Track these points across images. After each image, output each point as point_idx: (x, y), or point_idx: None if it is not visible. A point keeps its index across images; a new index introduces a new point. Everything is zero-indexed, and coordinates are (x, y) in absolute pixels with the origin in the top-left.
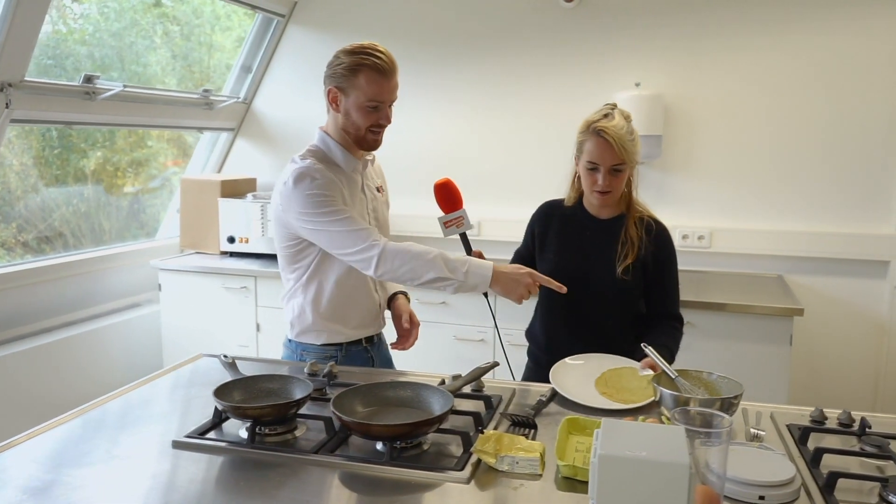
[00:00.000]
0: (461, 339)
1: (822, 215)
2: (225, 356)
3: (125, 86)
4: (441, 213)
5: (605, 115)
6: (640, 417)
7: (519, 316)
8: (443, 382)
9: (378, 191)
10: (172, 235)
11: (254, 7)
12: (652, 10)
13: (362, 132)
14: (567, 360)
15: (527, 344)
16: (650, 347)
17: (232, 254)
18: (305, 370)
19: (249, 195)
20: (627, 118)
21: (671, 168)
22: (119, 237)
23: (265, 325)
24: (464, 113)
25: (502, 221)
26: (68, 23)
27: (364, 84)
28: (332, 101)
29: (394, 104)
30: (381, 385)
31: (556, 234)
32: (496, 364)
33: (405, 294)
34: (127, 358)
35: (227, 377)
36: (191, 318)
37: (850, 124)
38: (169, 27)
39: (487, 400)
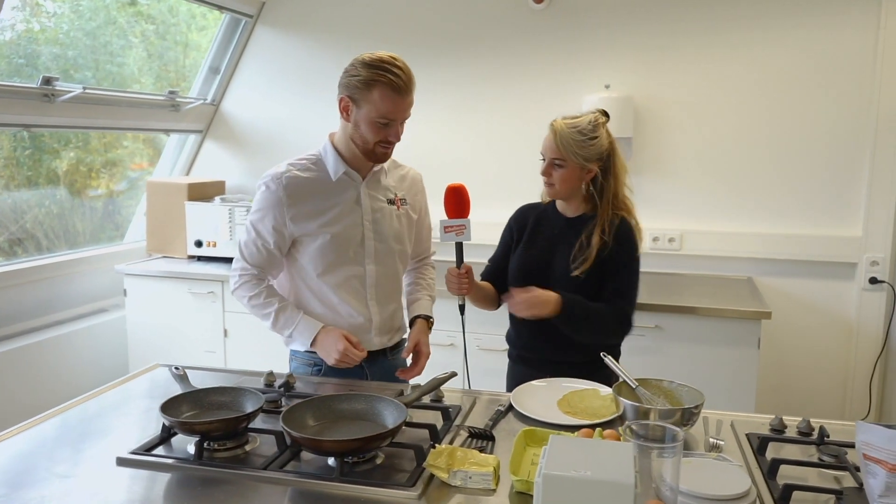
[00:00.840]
0: (431, 344)
1: (791, 217)
2: (176, 368)
3: (85, 88)
4: (444, 216)
5: (574, 117)
6: (598, 430)
7: (490, 321)
8: (401, 394)
9: (393, 203)
10: (140, 239)
11: (221, 7)
12: (621, 12)
13: (370, 146)
14: (532, 382)
15: (501, 348)
16: (609, 357)
17: (200, 258)
18: (262, 380)
19: (217, 198)
20: (594, 122)
21: (641, 170)
22: (94, 239)
23: (233, 330)
24: (432, 115)
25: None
26: (42, 21)
27: (378, 100)
28: (343, 110)
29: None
30: (335, 398)
31: (529, 231)
32: (454, 374)
33: (427, 318)
34: (92, 365)
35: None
36: (157, 323)
37: (818, 127)
38: (144, 26)
39: (445, 411)
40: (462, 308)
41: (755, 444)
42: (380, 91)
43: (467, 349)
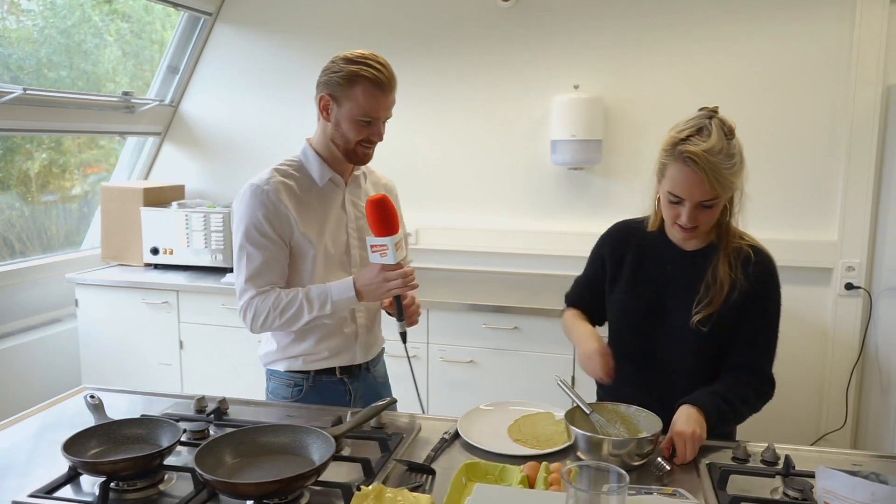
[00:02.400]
0: (393, 356)
1: (766, 222)
2: (91, 397)
3: (25, 89)
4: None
5: (698, 131)
6: (544, 464)
7: (454, 332)
8: (339, 421)
9: None
10: (98, 247)
11: (178, 5)
12: (590, 11)
13: (351, 145)
14: (480, 406)
15: (465, 359)
16: (560, 378)
17: (156, 266)
18: (193, 406)
19: (174, 203)
20: (729, 132)
21: (612, 173)
22: (68, 243)
23: (189, 342)
24: (397, 115)
25: (438, 229)
26: (17, 18)
27: (360, 96)
28: (323, 109)
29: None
30: (258, 430)
31: (631, 263)
32: (394, 401)
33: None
34: (43, 378)
35: (112, 415)
36: (110, 335)
37: (792, 130)
38: (119, 24)
39: (383, 442)
40: (404, 336)
41: (716, 477)
42: (362, 87)
43: (430, 361)
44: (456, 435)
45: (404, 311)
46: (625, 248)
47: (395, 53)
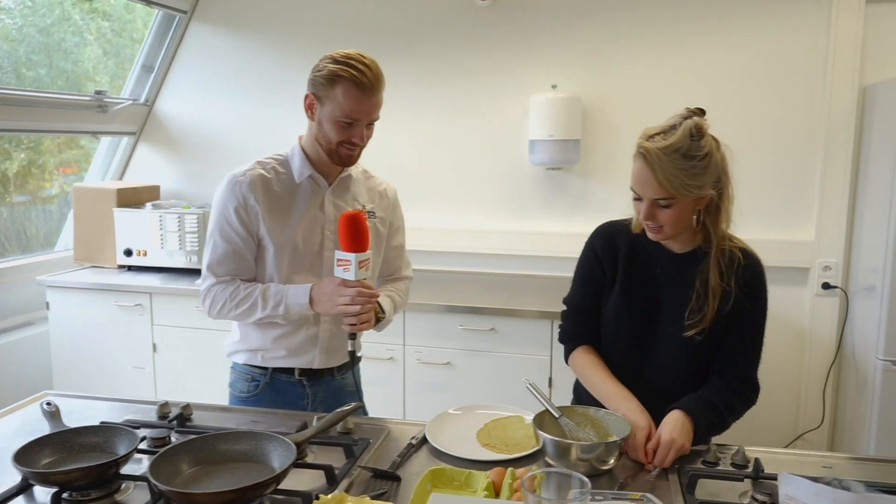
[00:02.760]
0: (369, 358)
1: (743, 221)
2: (48, 404)
3: None
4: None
5: (664, 129)
6: (510, 470)
7: (431, 333)
8: (304, 427)
9: None
10: (70, 248)
11: (151, 3)
12: (568, 10)
13: (333, 146)
14: (449, 410)
15: (442, 361)
16: (530, 383)
17: (130, 267)
18: (156, 412)
19: (149, 204)
20: (697, 134)
21: (591, 174)
22: (48, 244)
23: (162, 345)
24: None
25: (415, 229)
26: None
27: (340, 97)
28: (308, 108)
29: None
30: (217, 437)
31: (622, 265)
32: (359, 406)
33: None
34: (14, 383)
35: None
36: (82, 338)
37: (770, 131)
38: (100, 23)
39: (348, 448)
40: (352, 354)
41: (685, 481)
42: (343, 88)
43: (406, 363)
44: (424, 440)
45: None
46: (617, 248)
47: (371, 52)
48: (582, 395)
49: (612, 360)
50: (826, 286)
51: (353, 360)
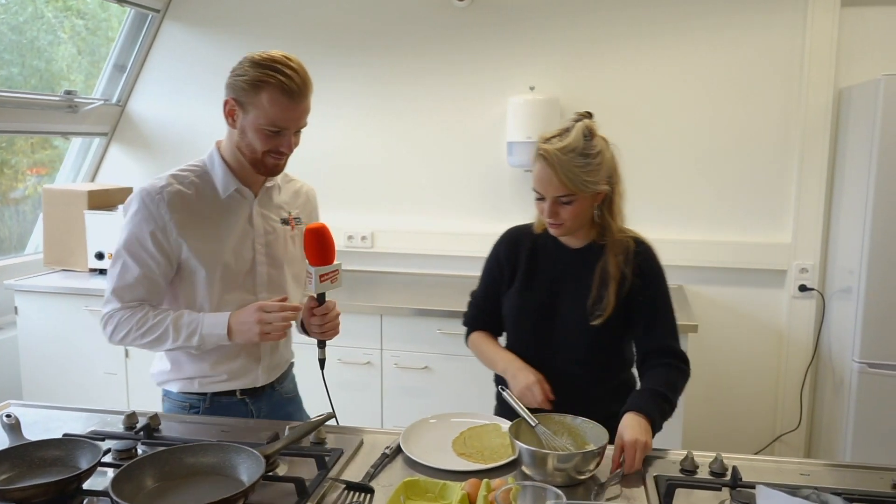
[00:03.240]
0: (346, 363)
1: (720, 224)
2: (7, 416)
3: None
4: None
5: (559, 132)
6: (485, 482)
7: (407, 337)
8: (273, 438)
9: (287, 223)
10: (40, 251)
11: (123, 1)
12: (547, 12)
13: (258, 156)
14: (427, 418)
15: (420, 366)
16: (507, 391)
17: (101, 271)
18: (122, 423)
19: (121, 206)
20: (589, 134)
21: None
22: (21, 246)
23: (135, 350)
24: (349, 116)
25: (392, 232)
26: None
27: (266, 104)
28: (229, 115)
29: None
30: (183, 450)
31: (524, 266)
32: (331, 416)
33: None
34: None
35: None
36: (52, 343)
37: (746, 134)
38: (74, 21)
39: (320, 459)
40: (322, 362)
41: (662, 490)
42: (269, 94)
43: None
44: (399, 449)
45: (322, 319)
46: (518, 251)
47: (346, 52)
48: (502, 379)
49: (521, 353)
50: (803, 288)
51: (322, 365)
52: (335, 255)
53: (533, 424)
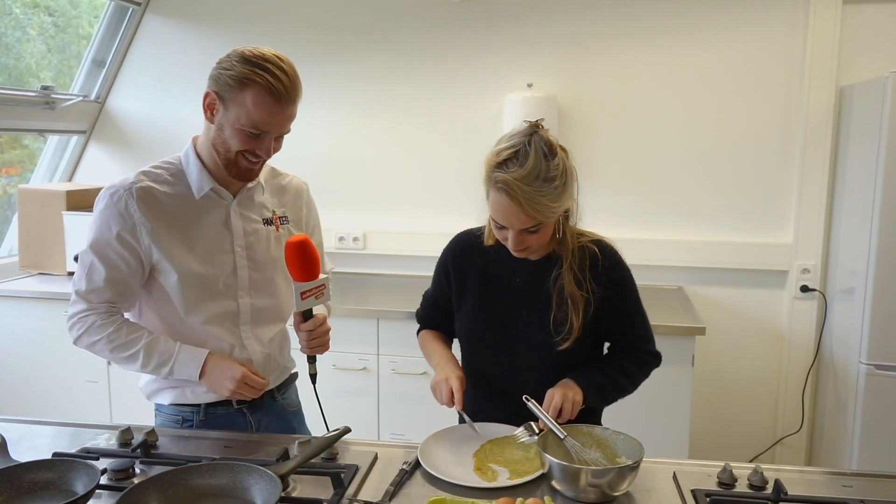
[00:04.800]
0: (341, 369)
1: (722, 224)
2: None
3: None
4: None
5: (516, 154)
6: (519, 500)
7: (406, 342)
8: (283, 456)
9: (271, 223)
10: (15, 254)
11: None
12: (543, 7)
13: (232, 155)
14: (445, 430)
15: (418, 371)
16: (532, 401)
17: None
18: (115, 440)
19: None
20: (550, 152)
21: None
22: None
23: None
24: (340, 114)
25: (386, 233)
26: None
27: (249, 104)
28: (208, 108)
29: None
30: (190, 470)
31: (476, 277)
32: (348, 430)
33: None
34: None
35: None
36: (29, 350)
37: (747, 133)
38: (43, 18)
39: (336, 477)
40: (313, 377)
41: None
42: (253, 94)
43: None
44: (416, 464)
45: (308, 335)
46: (469, 260)
47: (335, 48)
48: (470, 397)
49: (480, 373)
50: (805, 289)
51: (314, 380)
52: (320, 269)
53: (562, 437)
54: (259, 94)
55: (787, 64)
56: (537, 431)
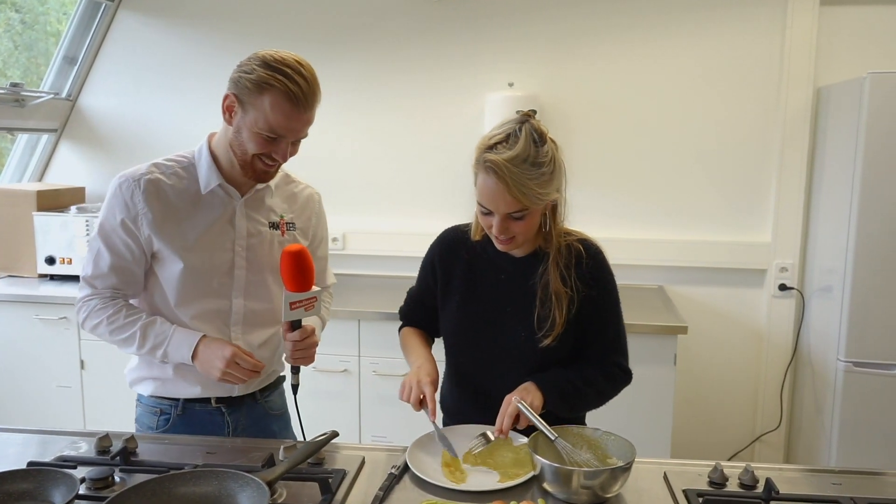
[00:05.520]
0: (321, 371)
1: (701, 223)
2: None
3: None
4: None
5: (507, 138)
6: (512, 503)
7: (388, 343)
8: (269, 462)
9: (276, 227)
10: None
11: None
12: (524, 6)
13: (248, 158)
14: (429, 432)
15: (400, 373)
16: (523, 403)
17: (52, 277)
18: (94, 447)
19: (73, 208)
20: (540, 139)
21: None
22: None
23: (91, 361)
24: (320, 112)
25: (366, 233)
26: None
27: (268, 108)
28: (226, 110)
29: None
30: (175, 478)
31: (462, 274)
32: (335, 434)
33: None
34: None
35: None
36: (1, 355)
37: (726, 132)
38: (9, 14)
39: (324, 482)
40: (295, 388)
41: None
42: (272, 98)
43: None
44: (406, 468)
45: (293, 346)
46: (455, 257)
47: (315, 47)
48: (445, 398)
49: (463, 370)
50: (783, 287)
51: (295, 391)
52: (313, 281)
53: (552, 438)
54: (277, 98)
55: (765, 65)
56: (492, 438)
